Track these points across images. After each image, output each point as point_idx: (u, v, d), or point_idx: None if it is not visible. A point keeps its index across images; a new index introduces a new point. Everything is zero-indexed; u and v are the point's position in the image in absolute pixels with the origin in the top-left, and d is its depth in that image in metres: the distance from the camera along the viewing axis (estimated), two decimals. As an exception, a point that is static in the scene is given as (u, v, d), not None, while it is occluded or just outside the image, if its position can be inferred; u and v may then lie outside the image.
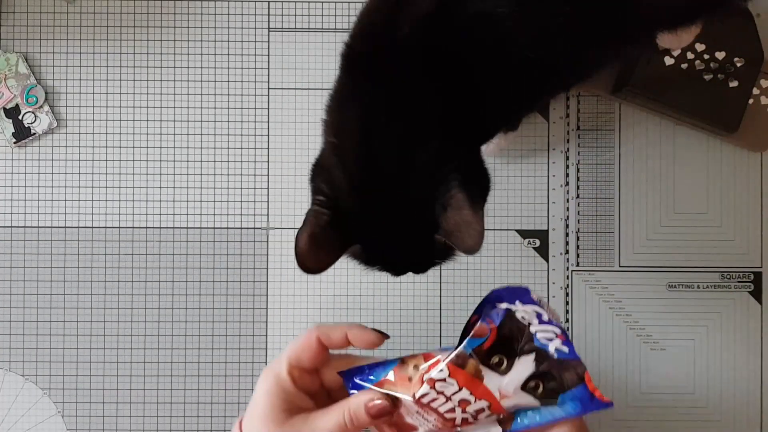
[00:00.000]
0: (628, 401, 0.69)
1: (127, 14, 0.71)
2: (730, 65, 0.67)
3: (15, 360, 0.70)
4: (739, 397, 0.69)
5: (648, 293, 0.70)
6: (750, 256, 0.70)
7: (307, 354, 0.55)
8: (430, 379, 0.56)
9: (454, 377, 0.56)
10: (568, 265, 0.70)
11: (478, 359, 0.56)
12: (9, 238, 0.70)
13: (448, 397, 0.56)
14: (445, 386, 0.56)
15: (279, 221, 0.70)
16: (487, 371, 0.56)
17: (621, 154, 0.70)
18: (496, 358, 0.56)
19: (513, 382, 0.56)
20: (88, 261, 0.70)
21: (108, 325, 0.70)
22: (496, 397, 0.56)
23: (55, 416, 0.69)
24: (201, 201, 0.70)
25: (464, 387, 0.56)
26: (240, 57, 0.71)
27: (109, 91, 0.71)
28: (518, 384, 0.56)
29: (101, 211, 0.70)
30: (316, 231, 0.51)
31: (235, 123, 0.71)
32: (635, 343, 0.70)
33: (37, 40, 0.71)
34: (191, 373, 0.70)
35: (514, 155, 0.70)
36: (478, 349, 0.56)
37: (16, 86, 0.70)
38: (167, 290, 0.70)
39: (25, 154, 0.70)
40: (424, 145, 0.51)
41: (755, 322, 0.70)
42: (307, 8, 0.71)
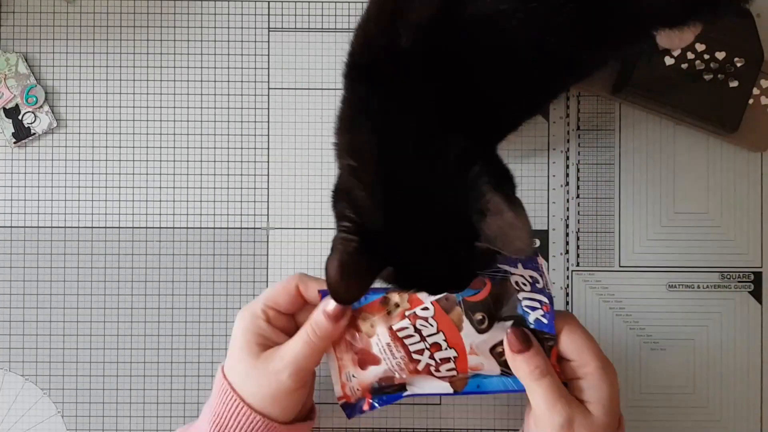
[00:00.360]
0: (628, 401, 0.69)
1: (127, 14, 0.71)
2: (730, 65, 0.67)
3: (15, 360, 0.70)
4: (739, 397, 0.69)
5: (648, 293, 0.70)
6: (750, 256, 0.70)
7: (283, 297, 0.58)
8: (414, 314, 0.57)
9: (436, 319, 0.57)
10: (568, 265, 0.70)
11: (464, 309, 0.57)
12: (9, 238, 0.70)
13: (424, 336, 0.58)
14: (425, 325, 0.57)
15: (279, 221, 0.70)
16: (467, 324, 0.57)
17: (621, 154, 0.70)
18: (480, 315, 0.58)
19: (486, 342, 0.58)
20: (88, 261, 0.70)
21: (108, 325, 0.70)
22: (465, 351, 0.58)
23: (55, 416, 0.69)
24: (201, 201, 0.70)
25: (442, 331, 0.57)
26: (240, 57, 0.71)
27: (109, 91, 0.71)
28: (489, 345, 0.58)
29: (101, 211, 0.70)
30: (345, 259, 0.50)
31: (235, 123, 0.71)
32: (635, 343, 0.70)
33: (37, 40, 0.71)
34: (191, 373, 0.70)
35: (514, 155, 0.70)
36: (467, 299, 0.57)
37: (16, 86, 0.70)
38: (167, 290, 0.70)
39: (25, 154, 0.70)
40: (444, 151, 0.49)
41: (755, 322, 0.70)
42: (307, 8, 0.71)
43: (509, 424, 0.69)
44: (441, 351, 0.58)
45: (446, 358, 0.58)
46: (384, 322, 0.58)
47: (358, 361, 0.59)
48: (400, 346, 0.58)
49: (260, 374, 0.57)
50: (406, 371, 0.59)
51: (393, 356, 0.58)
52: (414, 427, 0.69)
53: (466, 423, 0.69)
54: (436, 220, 0.49)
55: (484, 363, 0.58)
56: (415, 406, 0.69)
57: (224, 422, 0.58)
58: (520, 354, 0.55)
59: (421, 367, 0.58)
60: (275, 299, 0.59)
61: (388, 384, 0.60)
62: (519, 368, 0.56)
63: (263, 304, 0.58)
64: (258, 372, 0.57)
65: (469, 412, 0.69)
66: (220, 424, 0.58)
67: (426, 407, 0.69)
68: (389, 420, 0.69)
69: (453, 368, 0.58)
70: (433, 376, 0.59)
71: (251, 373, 0.57)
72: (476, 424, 0.69)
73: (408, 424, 0.69)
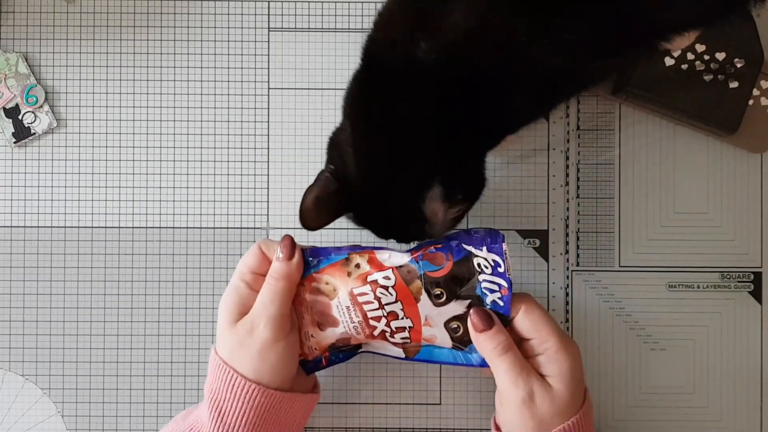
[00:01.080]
0: (628, 401, 0.69)
1: (127, 14, 0.71)
2: (730, 66, 0.67)
3: (15, 360, 0.70)
4: (739, 397, 0.69)
5: (648, 293, 0.70)
6: (750, 256, 0.70)
7: (252, 259, 0.61)
8: (374, 281, 0.60)
9: (396, 288, 0.60)
10: (568, 265, 0.70)
11: (424, 283, 0.60)
12: (9, 238, 0.70)
13: (382, 304, 0.60)
14: (384, 294, 0.60)
15: (279, 221, 0.70)
16: (425, 297, 0.60)
17: (621, 154, 0.70)
18: (438, 290, 0.60)
19: (441, 315, 0.61)
20: (88, 261, 0.70)
21: (108, 325, 0.70)
22: (421, 322, 0.61)
23: (55, 416, 0.69)
24: (201, 201, 0.70)
25: (400, 301, 0.60)
26: (240, 57, 0.71)
27: (109, 91, 0.71)
28: (444, 318, 0.61)
29: (101, 211, 0.70)
30: (322, 195, 0.59)
31: (235, 123, 0.70)
32: (635, 343, 0.70)
33: (37, 40, 0.71)
34: (191, 374, 0.70)
35: (514, 155, 0.70)
36: (429, 273, 0.60)
37: (16, 86, 0.70)
38: (167, 290, 0.70)
39: (25, 154, 0.70)
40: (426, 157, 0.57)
41: (755, 322, 0.70)
42: (307, 8, 0.71)
43: (509, 424, 0.69)
44: (397, 320, 0.60)
45: (402, 327, 0.61)
46: (345, 285, 0.60)
47: (318, 322, 0.61)
48: (359, 310, 0.60)
49: (242, 337, 0.59)
50: (362, 335, 0.61)
51: (351, 320, 0.61)
52: (414, 427, 0.69)
53: (466, 423, 0.69)
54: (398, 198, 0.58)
55: (437, 335, 0.61)
56: (415, 406, 0.69)
57: (221, 397, 0.59)
58: (483, 333, 0.59)
59: (377, 332, 0.61)
60: (247, 263, 0.61)
61: (345, 344, 0.63)
62: (482, 346, 0.59)
63: (239, 273, 0.62)
64: (239, 336, 0.59)
65: (469, 412, 0.69)
66: (218, 400, 0.59)
67: (426, 407, 0.69)
68: (389, 420, 0.69)
69: (407, 337, 0.61)
70: (387, 341, 0.62)
71: (234, 340, 0.59)
72: (476, 424, 0.69)
73: (408, 424, 0.69)
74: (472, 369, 0.62)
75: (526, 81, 0.55)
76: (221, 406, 0.59)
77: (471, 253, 0.60)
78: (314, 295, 0.61)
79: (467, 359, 0.62)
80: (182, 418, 0.62)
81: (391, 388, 0.69)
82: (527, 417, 0.57)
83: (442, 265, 0.60)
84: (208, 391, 0.60)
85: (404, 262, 0.60)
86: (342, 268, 0.60)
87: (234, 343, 0.59)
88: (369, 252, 0.61)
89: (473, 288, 0.60)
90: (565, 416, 0.58)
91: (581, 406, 0.59)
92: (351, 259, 0.60)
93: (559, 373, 0.58)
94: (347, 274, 0.60)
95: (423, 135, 0.56)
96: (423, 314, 0.60)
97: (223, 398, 0.59)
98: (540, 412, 0.57)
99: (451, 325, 0.61)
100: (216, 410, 0.59)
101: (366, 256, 0.60)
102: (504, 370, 0.58)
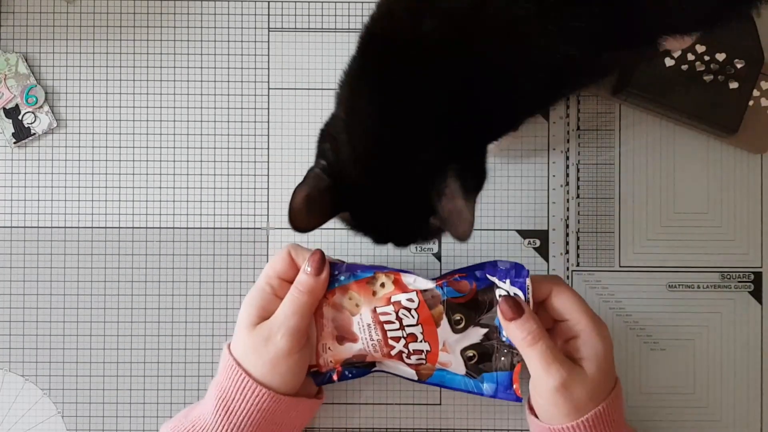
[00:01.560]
0: (628, 401, 0.69)
1: (127, 14, 0.71)
2: (730, 67, 0.67)
3: (15, 360, 0.70)
4: (739, 397, 0.69)
5: (648, 293, 0.70)
6: (750, 256, 0.70)
7: (280, 264, 0.61)
8: (398, 302, 0.60)
9: (418, 311, 0.60)
10: (568, 265, 0.70)
11: (446, 308, 0.60)
12: (9, 238, 0.70)
13: (403, 326, 0.61)
14: (406, 315, 0.60)
15: (279, 221, 0.70)
16: (445, 322, 0.61)
17: (621, 154, 0.70)
18: (458, 316, 0.61)
19: (458, 342, 0.61)
20: (88, 261, 0.70)
21: (108, 325, 0.70)
22: (438, 347, 0.61)
23: (55, 416, 0.69)
24: (201, 201, 0.70)
25: (421, 324, 0.61)
26: (240, 57, 0.71)
27: (109, 91, 0.71)
28: (461, 345, 0.61)
29: (101, 211, 0.70)
30: (313, 193, 0.54)
31: (235, 123, 0.70)
32: (635, 343, 0.70)
33: (37, 40, 0.71)
34: (191, 373, 0.70)
35: (514, 155, 0.70)
36: (452, 300, 0.60)
37: (16, 86, 0.70)
38: (167, 290, 0.70)
39: (25, 154, 0.70)
40: (430, 141, 0.52)
41: (755, 322, 0.70)
42: (307, 8, 0.71)
43: (509, 424, 0.69)
44: (416, 342, 0.61)
45: (419, 350, 0.61)
46: (369, 303, 0.60)
47: (337, 336, 0.62)
48: (379, 329, 0.60)
49: (257, 342, 0.59)
50: (380, 353, 0.61)
51: (371, 338, 0.61)
52: (414, 427, 0.69)
53: (466, 423, 0.69)
54: (402, 189, 0.54)
55: (453, 361, 0.61)
56: (415, 406, 0.69)
57: (230, 396, 0.59)
58: (513, 321, 0.58)
59: (394, 352, 0.61)
60: (274, 267, 0.61)
61: (360, 360, 0.63)
62: (513, 335, 0.58)
63: (265, 276, 0.62)
64: (255, 341, 0.59)
65: (469, 412, 0.69)
66: (226, 399, 0.59)
67: (426, 407, 0.69)
68: (389, 420, 0.69)
69: (423, 359, 0.62)
70: (403, 362, 0.62)
71: (250, 344, 0.60)
72: (476, 424, 0.69)
73: (408, 424, 0.69)
74: None
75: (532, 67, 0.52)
76: (229, 405, 0.59)
77: (494, 284, 0.60)
78: (337, 310, 0.61)
79: (478, 388, 0.62)
80: (184, 415, 0.63)
81: (391, 388, 0.69)
82: (561, 403, 0.57)
83: (465, 292, 0.60)
84: (217, 389, 0.60)
85: (429, 287, 0.60)
86: (367, 287, 0.61)
87: (249, 346, 0.60)
88: (395, 273, 0.61)
89: (492, 318, 0.60)
90: (598, 399, 0.58)
91: (613, 387, 0.59)
92: (377, 278, 0.61)
93: (594, 355, 0.58)
94: (372, 293, 0.60)
95: (430, 119, 0.52)
96: (441, 339, 0.61)
97: (231, 398, 0.59)
98: (574, 398, 0.57)
99: (467, 353, 0.61)
100: (224, 408, 0.59)
101: (392, 277, 0.61)
102: (536, 359, 0.57)
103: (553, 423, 0.59)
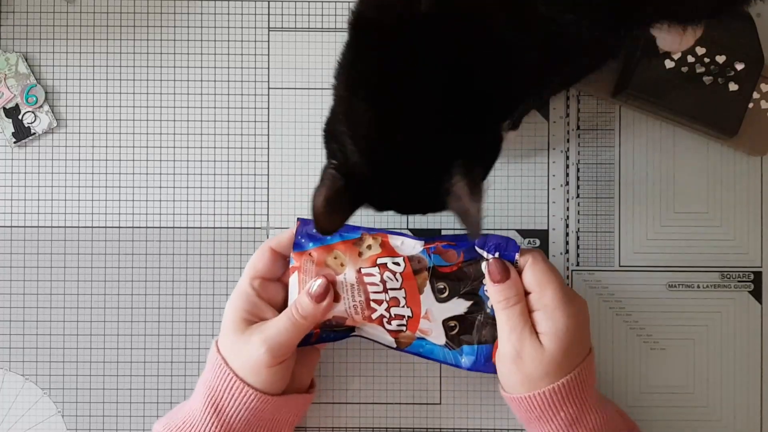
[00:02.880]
0: (628, 401, 0.69)
1: (127, 14, 0.71)
2: (730, 69, 0.67)
3: (15, 360, 0.70)
4: (739, 397, 0.69)
5: (648, 293, 0.70)
6: (750, 256, 0.70)
7: (261, 262, 0.61)
8: (383, 265, 0.60)
9: (403, 275, 0.60)
10: (568, 265, 0.70)
11: (431, 275, 0.60)
12: (9, 238, 0.70)
13: (386, 288, 0.61)
14: (391, 279, 0.60)
15: (279, 221, 0.70)
16: (428, 290, 0.61)
17: (621, 154, 0.70)
18: (442, 285, 0.61)
19: (441, 312, 0.61)
20: (88, 261, 0.70)
21: (108, 325, 0.70)
22: (420, 314, 0.61)
23: (55, 416, 0.69)
24: (201, 201, 0.70)
25: (404, 288, 0.61)
26: (240, 57, 0.71)
27: (109, 91, 0.71)
28: (444, 315, 0.61)
29: (101, 211, 0.70)
30: (330, 194, 0.54)
31: (235, 123, 0.70)
32: (635, 343, 0.70)
33: (37, 40, 0.71)
34: (191, 374, 0.70)
35: (514, 155, 0.70)
36: (437, 268, 0.61)
37: (16, 86, 0.70)
38: (167, 290, 0.70)
39: (25, 154, 0.70)
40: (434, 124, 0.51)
41: (755, 322, 0.70)
42: (307, 8, 0.71)
43: (509, 423, 0.69)
44: (398, 307, 0.61)
45: (401, 315, 0.61)
46: (354, 264, 0.60)
47: None
48: (362, 290, 0.60)
49: (242, 348, 0.60)
50: (360, 316, 0.61)
51: (353, 298, 0.61)
52: (414, 427, 0.69)
53: (466, 423, 0.69)
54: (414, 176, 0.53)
55: (433, 330, 0.61)
56: (415, 406, 0.69)
57: (218, 395, 0.60)
58: (498, 284, 0.59)
59: (375, 316, 0.61)
60: (255, 267, 0.62)
61: (340, 323, 0.62)
62: (493, 296, 0.59)
63: (248, 277, 0.62)
64: (240, 346, 0.60)
65: (469, 412, 0.69)
66: (215, 397, 0.60)
67: (426, 407, 0.69)
68: (389, 420, 0.69)
69: (404, 325, 0.61)
70: (383, 327, 0.62)
71: (235, 347, 0.60)
72: (476, 424, 0.69)
73: (408, 424, 0.69)
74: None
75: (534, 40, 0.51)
76: (218, 403, 0.60)
77: (482, 257, 0.60)
78: (321, 268, 0.61)
79: (456, 360, 0.62)
80: (174, 412, 0.63)
81: (391, 388, 0.69)
82: (513, 372, 0.58)
83: (452, 262, 0.60)
84: (205, 386, 0.61)
85: (416, 252, 0.60)
86: (353, 247, 0.61)
87: (235, 348, 0.60)
88: (382, 235, 0.61)
89: (476, 289, 0.61)
90: (555, 376, 0.58)
91: (577, 365, 0.59)
92: (364, 240, 0.61)
93: (552, 331, 0.58)
94: (358, 254, 0.61)
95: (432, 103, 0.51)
96: (424, 307, 0.61)
97: (220, 396, 0.60)
98: (527, 370, 0.58)
99: (449, 323, 0.61)
100: (212, 406, 0.60)
101: (379, 239, 0.61)
102: (503, 323, 0.58)
103: (510, 391, 0.60)
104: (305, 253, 0.61)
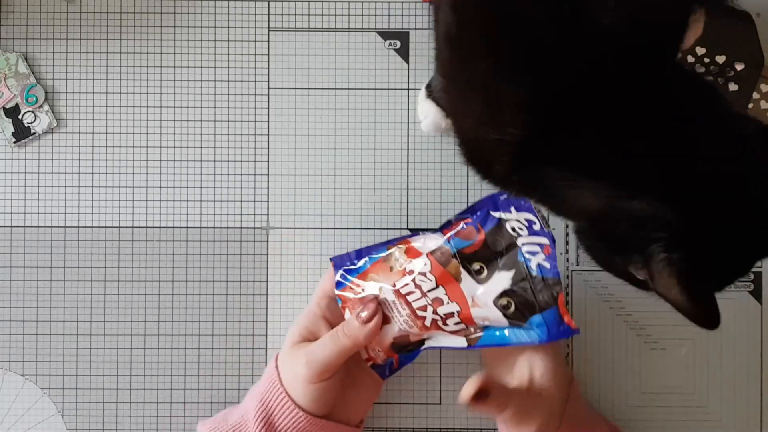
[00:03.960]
0: (628, 401, 0.69)
1: (127, 14, 0.71)
2: (730, 69, 0.67)
3: (15, 360, 0.70)
4: (739, 397, 0.69)
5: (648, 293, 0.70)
6: (750, 256, 0.70)
7: (327, 283, 0.63)
8: (411, 270, 0.58)
9: (434, 273, 0.57)
10: (568, 264, 0.70)
11: (460, 261, 0.57)
12: (9, 238, 0.70)
13: (424, 292, 0.58)
14: (424, 281, 0.58)
15: (279, 221, 0.70)
16: (466, 276, 0.58)
17: (621, 154, 0.70)
18: (477, 265, 0.58)
19: (488, 293, 0.57)
20: (88, 261, 0.70)
21: (108, 325, 0.70)
22: (468, 304, 0.58)
23: (55, 416, 0.69)
24: (201, 201, 0.70)
25: (441, 285, 0.58)
26: (240, 57, 0.71)
27: (109, 91, 0.71)
28: (492, 296, 0.57)
29: (101, 211, 0.70)
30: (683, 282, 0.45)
31: (235, 123, 0.70)
32: (635, 343, 0.70)
33: (37, 40, 0.71)
34: (191, 373, 0.70)
35: (514, 155, 0.70)
36: (462, 251, 0.57)
37: (16, 86, 0.70)
38: (167, 290, 0.70)
39: (25, 154, 0.70)
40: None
41: (755, 322, 0.70)
42: (307, 8, 0.71)
43: (509, 424, 0.69)
44: (443, 305, 0.58)
45: (450, 312, 0.58)
46: (388, 281, 0.59)
47: None
48: (404, 303, 0.59)
49: (290, 361, 0.61)
50: (416, 328, 0.59)
51: (400, 314, 0.59)
52: (414, 426, 0.69)
53: (466, 423, 0.69)
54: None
55: (489, 315, 0.58)
56: (415, 406, 0.69)
57: (270, 410, 0.61)
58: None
59: (428, 322, 0.59)
60: (323, 287, 0.64)
61: (405, 342, 0.61)
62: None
63: (315, 297, 0.64)
64: (290, 359, 0.61)
65: (469, 412, 0.69)
66: (267, 411, 0.61)
67: (426, 407, 0.69)
68: (389, 420, 0.69)
69: (459, 321, 0.59)
70: (443, 330, 0.59)
71: (287, 360, 0.62)
72: (476, 424, 0.69)
73: (408, 424, 0.69)
74: (473, 368, 0.62)
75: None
76: (271, 418, 0.61)
77: (501, 219, 0.57)
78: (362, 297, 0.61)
79: (531, 337, 0.57)
80: (223, 417, 0.64)
81: (391, 388, 0.69)
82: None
83: (473, 239, 0.58)
84: (258, 398, 0.62)
85: (438, 244, 0.59)
86: (384, 264, 0.60)
87: (287, 360, 0.62)
88: (405, 242, 0.60)
89: (515, 255, 0.57)
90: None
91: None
92: (391, 254, 0.60)
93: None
94: (389, 270, 0.60)
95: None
96: (468, 295, 0.58)
97: (271, 411, 0.61)
98: None
99: (500, 302, 0.57)
100: (263, 419, 0.61)
101: (403, 247, 0.60)
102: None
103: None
104: (347, 288, 0.61)
